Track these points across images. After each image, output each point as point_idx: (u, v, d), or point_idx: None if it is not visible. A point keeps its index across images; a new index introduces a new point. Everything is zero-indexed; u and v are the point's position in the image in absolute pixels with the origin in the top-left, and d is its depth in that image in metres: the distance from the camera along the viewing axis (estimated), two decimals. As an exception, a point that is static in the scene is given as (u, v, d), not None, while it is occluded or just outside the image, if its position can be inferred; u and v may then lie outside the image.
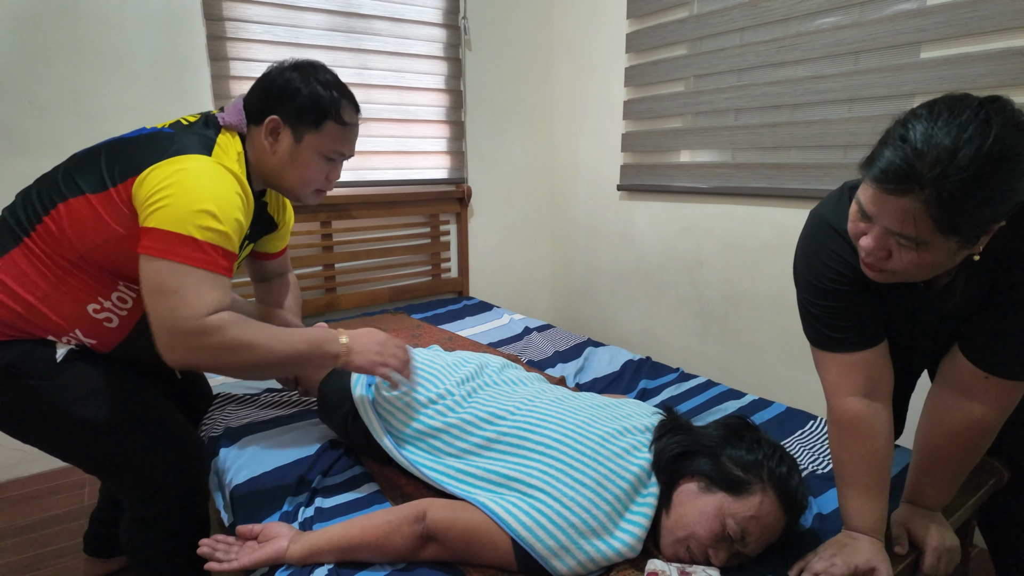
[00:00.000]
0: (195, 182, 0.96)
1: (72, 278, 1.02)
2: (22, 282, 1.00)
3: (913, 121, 0.73)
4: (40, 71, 1.86)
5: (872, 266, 0.83)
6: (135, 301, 1.06)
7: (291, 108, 1.09)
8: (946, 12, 1.55)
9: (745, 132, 2.09)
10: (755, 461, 0.92)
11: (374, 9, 2.41)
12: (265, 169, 1.13)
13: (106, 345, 1.09)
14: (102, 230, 0.99)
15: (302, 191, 1.16)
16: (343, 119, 1.12)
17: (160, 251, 0.93)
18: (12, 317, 1.00)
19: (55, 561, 1.60)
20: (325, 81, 1.12)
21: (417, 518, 0.90)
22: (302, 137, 1.11)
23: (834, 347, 0.96)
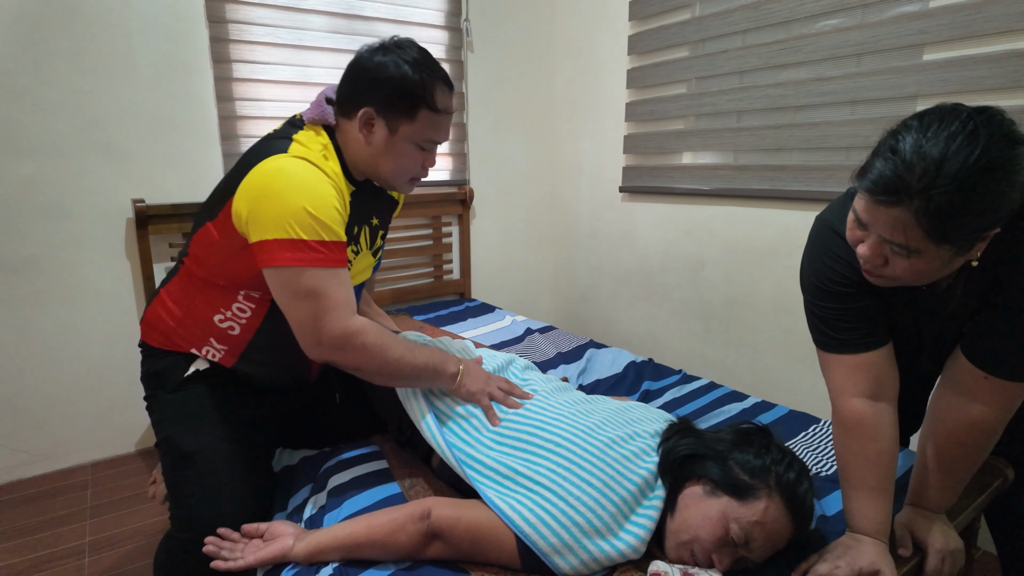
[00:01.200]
0: (277, 186, 0.99)
1: (203, 294, 1.14)
2: (175, 299, 1.16)
3: (903, 132, 0.75)
4: (44, 73, 1.87)
5: (871, 272, 0.84)
6: (252, 311, 1.14)
7: (382, 96, 1.06)
8: (949, 14, 1.55)
9: (747, 134, 2.09)
10: (763, 466, 0.91)
11: (376, 11, 2.42)
12: (360, 160, 1.12)
13: (234, 352, 1.17)
14: (219, 250, 1.09)
15: (397, 180, 1.15)
16: (436, 105, 1.08)
17: (276, 260, 0.99)
18: (168, 330, 1.16)
19: (58, 563, 1.60)
20: (415, 61, 1.06)
21: (422, 516, 0.90)
22: (396, 127, 1.08)
23: (839, 349, 0.96)
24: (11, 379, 1.96)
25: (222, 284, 1.12)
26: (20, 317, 1.95)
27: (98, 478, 2.03)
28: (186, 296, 1.15)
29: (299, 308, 1.01)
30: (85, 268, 2.02)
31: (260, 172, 1.01)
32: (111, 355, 2.10)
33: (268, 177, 1.00)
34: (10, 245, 1.90)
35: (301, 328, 1.03)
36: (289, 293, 1.01)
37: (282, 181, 0.99)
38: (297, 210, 0.98)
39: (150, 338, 1.19)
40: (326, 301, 1.01)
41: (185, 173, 2.14)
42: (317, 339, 1.02)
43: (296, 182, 1.00)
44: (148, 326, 1.19)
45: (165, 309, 1.17)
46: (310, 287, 1.00)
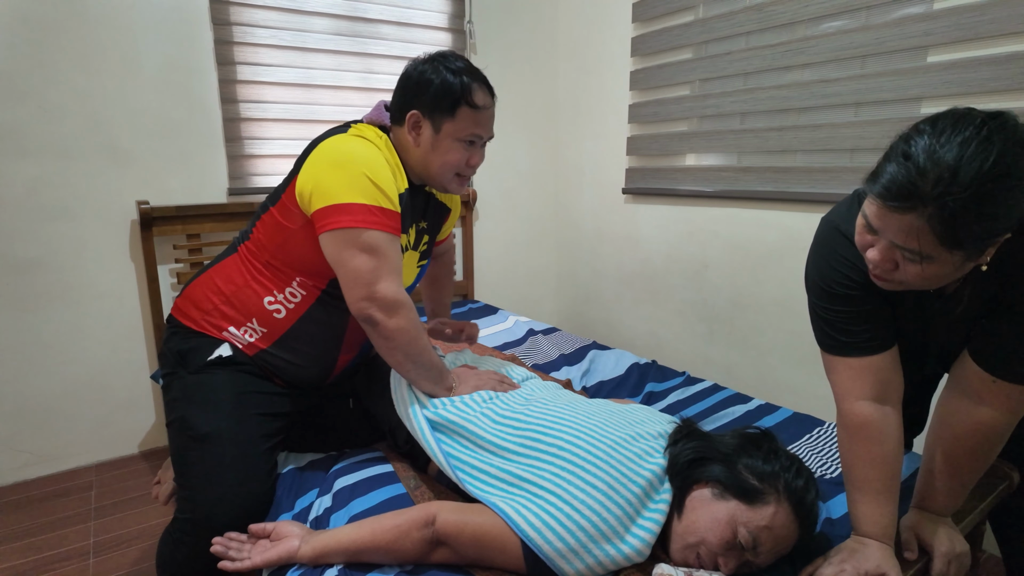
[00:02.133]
0: (339, 156, 1.09)
1: (262, 276, 1.19)
2: (224, 278, 1.21)
3: (916, 137, 0.73)
4: (49, 75, 1.87)
5: (880, 277, 0.84)
6: (302, 298, 1.20)
7: (426, 99, 1.15)
8: (953, 16, 1.55)
9: (751, 136, 2.09)
10: (772, 472, 0.91)
11: (380, 14, 2.42)
12: (413, 161, 1.20)
13: (271, 336, 1.21)
14: (282, 231, 1.16)
15: (444, 178, 1.21)
16: (475, 103, 1.17)
17: (339, 222, 1.06)
18: (211, 308, 1.20)
19: (63, 564, 1.60)
20: (455, 68, 1.16)
21: (427, 522, 0.90)
22: (440, 126, 1.16)
23: (844, 351, 0.96)
24: (15, 380, 1.97)
25: (279, 267, 1.18)
26: (24, 318, 1.95)
27: (102, 479, 2.03)
28: (240, 276, 1.20)
29: (361, 261, 1.07)
30: (89, 269, 2.03)
31: (321, 149, 1.11)
32: (115, 356, 2.11)
33: (329, 152, 1.10)
34: (15, 246, 1.91)
35: (357, 279, 1.07)
36: (351, 248, 1.06)
37: (343, 152, 1.09)
38: (358, 175, 1.07)
39: (184, 316, 1.22)
40: (386, 262, 1.09)
41: (189, 175, 2.14)
42: (370, 293, 1.07)
43: (356, 153, 1.10)
44: (187, 302, 1.23)
45: (212, 287, 1.21)
46: (374, 244, 1.07)
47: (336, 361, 1.28)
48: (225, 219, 2.15)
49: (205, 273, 1.24)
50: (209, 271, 1.24)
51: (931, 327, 0.97)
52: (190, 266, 2.14)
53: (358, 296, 1.08)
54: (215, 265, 1.24)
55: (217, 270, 1.23)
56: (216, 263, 1.25)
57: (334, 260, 1.09)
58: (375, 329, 1.11)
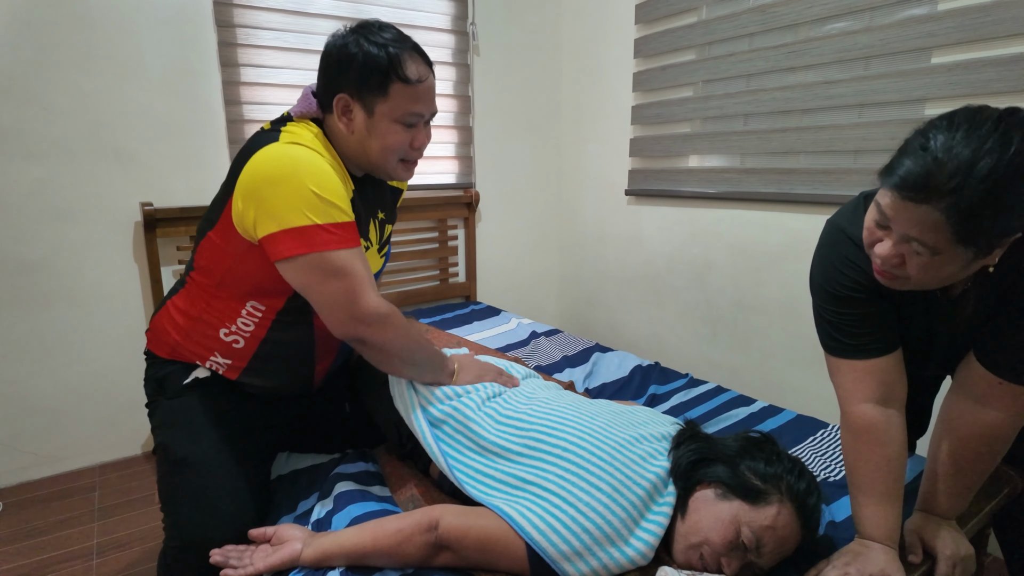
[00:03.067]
0: (277, 171, 0.96)
1: (210, 307, 1.12)
2: (181, 312, 1.14)
3: (933, 131, 0.74)
4: (53, 77, 1.88)
5: (885, 273, 0.84)
6: (256, 323, 1.13)
7: (352, 79, 1.02)
8: (957, 17, 1.54)
9: (754, 137, 2.09)
10: (774, 474, 0.91)
11: (382, 16, 2.41)
12: (350, 151, 1.08)
13: (238, 366, 1.16)
14: (224, 258, 1.07)
15: (388, 165, 1.09)
16: (407, 76, 1.02)
17: (294, 249, 0.97)
18: (174, 343, 1.15)
19: (66, 565, 1.61)
20: (380, 41, 1.02)
21: (430, 527, 0.90)
22: (373, 108, 1.04)
23: (849, 354, 0.96)
24: (19, 381, 1.97)
25: (229, 294, 1.10)
26: (28, 319, 1.96)
27: (106, 480, 2.04)
28: (192, 309, 1.13)
29: (332, 287, 0.99)
30: (93, 271, 2.04)
31: (256, 164, 0.98)
32: (119, 357, 2.11)
33: (266, 166, 0.97)
34: (19, 248, 1.91)
35: (335, 305, 1.00)
36: (318, 275, 0.99)
37: (282, 167, 0.96)
38: (304, 193, 0.95)
39: (156, 348, 1.19)
40: (357, 279, 1.00)
41: (193, 176, 2.15)
42: (352, 313, 1.01)
43: (297, 165, 0.97)
44: (154, 336, 1.19)
45: (171, 322, 1.16)
46: (339, 266, 0.99)
47: (313, 372, 1.24)
48: (228, 220, 2.16)
49: (163, 308, 1.18)
50: (167, 305, 1.18)
51: (936, 329, 0.97)
52: (193, 267, 2.14)
53: (339, 320, 1.02)
54: (171, 299, 1.18)
55: (174, 304, 1.16)
56: (171, 296, 1.18)
57: (301, 288, 1.01)
58: (366, 346, 1.06)
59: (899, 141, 1.84)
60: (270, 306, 1.11)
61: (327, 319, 1.03)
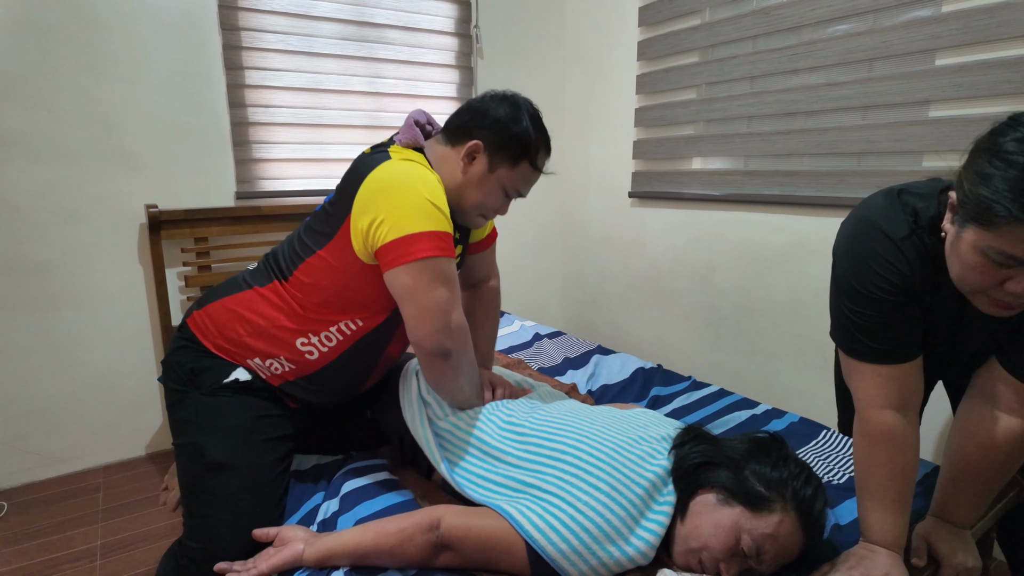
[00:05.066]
0: (396, 184, 1.03)
1: (298, 318, 1.13)
2: (253, 311, 1.14)
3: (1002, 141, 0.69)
4: (60, 80, 1.89)
5: (1009, 306, 0.77)
6: (339, 342, 1.15)
7: (495, 139, 1.13)
8: (961, 19, 1.54)
9: (758, 139, 2.09)
10: (780, 479, 0.90)
11: (387, 19, 2.43)
12: (447, 184, 1.14)
13: (299, 373, 1.17)
14: (337, 277, 1.10)
15: (473, 213, 1.19)
16: (537, 164, 1.18)
17: (416, 252, 1.01)
18: (234, 336, 1.15)
19: (70, 565, 1.61)
20: (535, 123, 1.16)
21: (431, 526, 0.90)
22: (495, 168, 1.14)
23: (872, 358, 0.92)
24: (25, 382, 1.98)
25: (330, 310, 1.12)
26: (34, 321, 1.97)
27: (110, 481, 2.04)
28: (271, 313, 1.14)
29: (438, 293, 1.03)
30: (99, 273, 2.05)
31: (374, 180, 1.04)
32: (124, 359, 2.12)
33: (385, 181, 1.04)
34: (25, 250, 1.92)
35: (435, 312, 1.03)
36: (427, 280, 1.02)
37: (400, 180, 1.04)
38: (423, 203, 1.02)
39: (203, 334, 1.17)
40: (457, 290, 1.07)
41: (197, 179, 2.16)
42: (447, 324, 1.05)
43: (413, 179, 1.04)
44: (210, 325, 1.16)
45: (238, 316, 1.15)
46: (448, 273, 1.04)
47: (362, 388, 1.27)
48: (233, 223, 2.17)
49: (231, 298, 1.17)
50: (236, 298, 1.17)
51: (964, 336, 0.94)
52: (198, 270, 2.15)
53: (434, 329, 1.04)
54: (245, 292, 1.17)
55: (245, 301, 1.16)
56: (245, 289, 1.17)
57: (408, 293, 1.03)
58: (447, 360, 1.07)
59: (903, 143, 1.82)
60: (367, 322, 1.14)
61: (421, 327, 1.04)
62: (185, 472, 1.13)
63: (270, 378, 1.17)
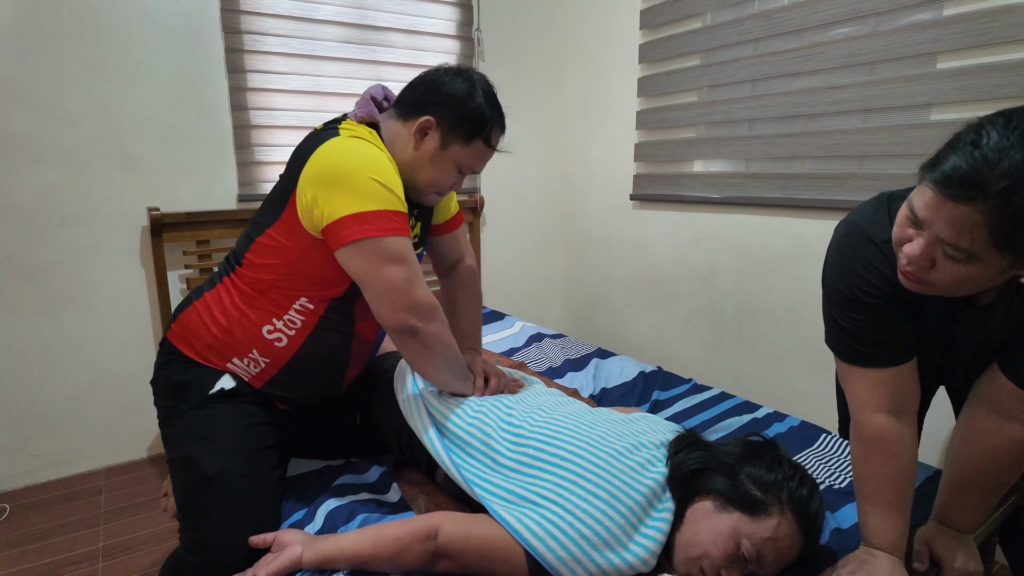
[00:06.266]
0: (342, 162, 1.02)
1: (257, 304, 1.12)
2: (222, 309, 1.14)
3: (988, 127, 0.69)
4: (62, 83, 1.90)
5: (911, 275, 0.79)
6: (303, 322, 1.14)
7: (448, 115, 1.11)
8: (963, 22, 1.54)
9: (759, 142, 2.09)
10: (775, 481, 0.90)
11: (389, 22, 2.44)
12: (400, 161, 1.13)
13: (275, 365, 1.16)
14: (288, 253, 1.09)
15: (427, 191, 1.18)
16: (491, 142, 1.16)
17: (362, 232, 1.00)
18: (209, 341, 1.14)
19: (72, 568, 1.61)
20: (492, 101, 1.15)
21: (429, 536, 0.90)
22: (448, 145, 1.13)
23: (863, 362, 0.93)
24: (27, 385, 1.99)
25: (283, 289, 1.11)
26: (36, 323, 1.97)
27: (111, 483, 2.05)
28: (235, 306, 1.13)
29: (392, 272, 1.02)
30: (101, 275, 2.05)
31: (320, 156, 1.03)
32: (125, 361, 2.12)
33: (331, 158, 1.02)
34: (28, 252, 1.93)
35: (393, 291, 1.03)
36: (380, 260, 1.02)
37: (347, 158, 1.02)
38: (369, 182, 1.01)
39: (184, 344, 1.16)
40: (414, 267, 1.05)
41: (199, 181, 2.16)
42: (409, 302, 1.04)
43: (360, 157, 1.03)
44: (185, 333, 1.16)
45: (209, 318, 1.14)
46: (401, 252, 1.03)
47: (345, 377, 1.26)
48: (235, 225, 2.17)
49: (199, 300, 1.17)
50: (204, 298, 1.17)
51: (959, 340, 0.94)
52: (200, 272, 2.16)
53: (396, 308, 1.04)
54: (208, 292, 1.17)
55: (211, 299, 1.15)
56: (208, 290, 1.18)
57: (361, 274, 1.03)
58: (415, 338, 1.07)
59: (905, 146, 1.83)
60: (323, 298, 1.13)
61: (382, 308, 1.05)
62: (180, 486, 1.11)
63: (252, 380, 1.16)
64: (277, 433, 1.18)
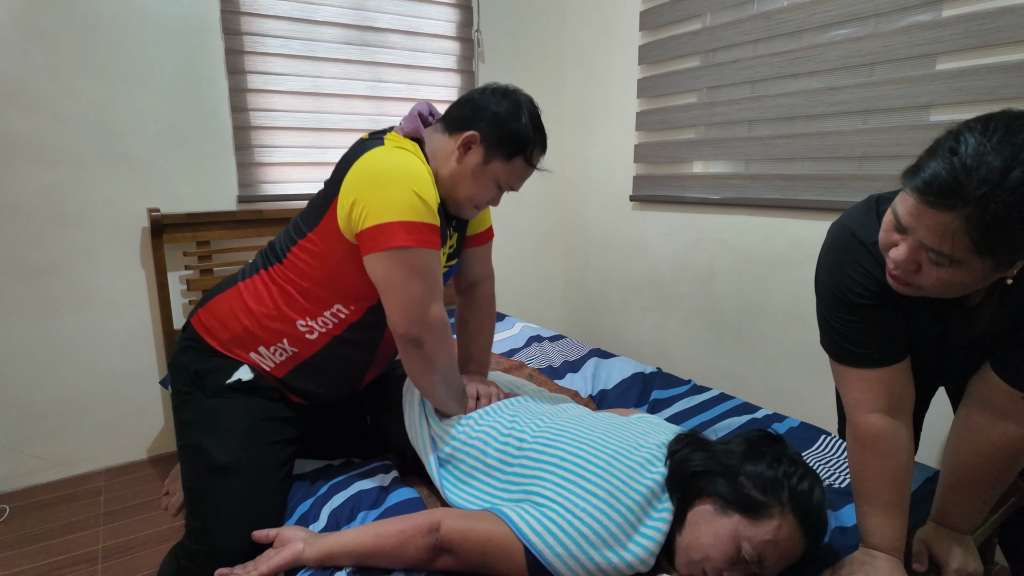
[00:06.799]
0: (384, 171, 1.04)
1: (294, 301, 1.14)
2: (255, 299, 1.16)
3: (966, 134, 0.69)
4: (63, 85, 1.90)
5: (898, 278, 0.80)
6: (335, 324, 1.16)
7: (492, 133, 1.13)
8: (962, 24, 1.54)
9: (758, 143, 2.09)
10: (775, 479, 0.90)
11: (388, 23, 2.44)
12: (441, 174, 1.16)
13: (301, 356, 1.17)
14: (325, 260, 1.11)
15: (466, 205, 1.19)
16: (532, 161, 1.19)
17: (393, 241, 1.02)
18: (239, 330, 1.16)
19: (71, 569, 1.61)
20: (533, 121, 1.17)
21: (431, 529, 0.90)
22: (490, 161, 1.15)
23: (856, 362, 0.93)
24: (27, 385, 1.99)
25: (321, 295, 1.13)
26: (37, 324, 1.98)
27: (111, 484, 2.05)
28: (271, 299, 1.15)
29: (414, 285, 1.04)
30: (101, 276, 2.05)
31: (363, 164, 1.05)
32: (125, 362, 2.13)
33: (373, 167, 1.05)
34: (28, 253, 1.93)
35: (411, 304, 1.05)
36: (405, 270, 1.03)
37: (389, 168, 1.05)
38: (407, 193, 1.03)
39: (207, 333, 1.17)
40: (436, 284, 1.08)
41: (200, 183, 2.17)
42: (423, 316, 1.06)
43: (402, 168, 1.05)
44: (212, 322, 1.17)
45: (242, 307, 1.16)
46: (427, 266, 1.05)
47: (364, 378, 1.27)
48: (235, 226, 2.17)
49: (232, 290, 1.19)
50: (237, 287, 1.18)
51: (950, 340, 0.94)
52: (200, 273, 2.16)
53: (409, 319, 1.06)
54: (242, 283, 1.19)
55: (246, 290, 1.17)
56: (242, 280, 1.19)
57: (384, 282, 1.05)
58: (420, 351, 1.08)
59: (904, 147, 1.83)
60: (356, 309, 1.15)
61: (397, 316, 1.07)
62: (188, 474, 1.13)
63: (274, 369, 1.17)
64: (288, 429, 1.19)
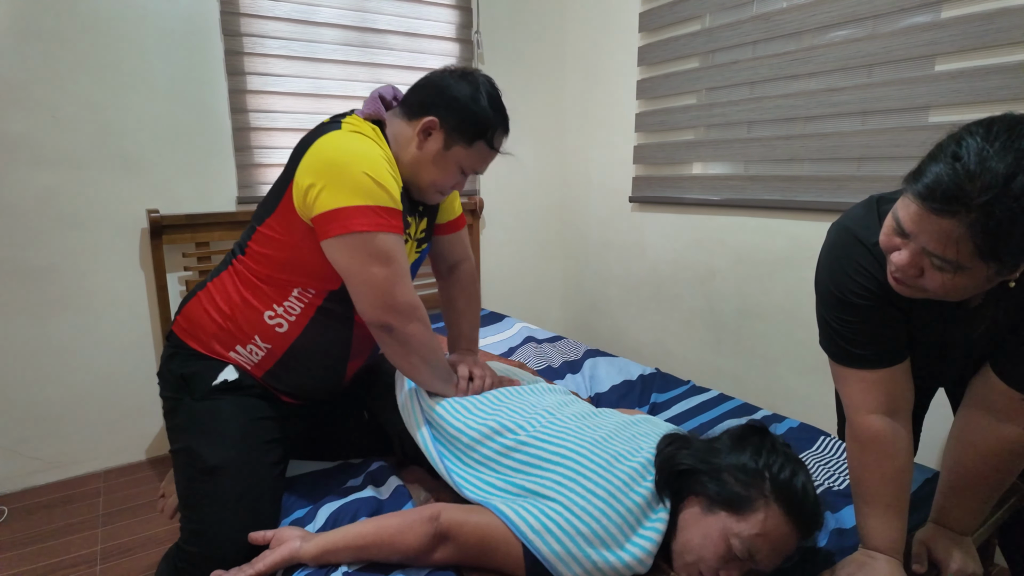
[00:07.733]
0: (337, 155, 1.03)
1: (259, 290, 1.14)
2: (224, 296, 1.16)
3: (968, 139, 0.68)
4: (62, 86, 1.90)
5: (901, 282, 0.80)
6: (302, 309, 1.15)
7: (451, 117, 1.12)
8: (961, 25, 1.54)
9: (758, 144, 2.09)
10: (755, 471, 0.89)
11: (388, 24, 2.44)
12: (403, 161, 1.15)
13: (276, 352, 1.17)
14: (283, 245, 1.11)
15: (429, 190, 1.19)
16: (494, 144, 1.17)
17: (350, 226, 1.01)
18: (214, 330, 1.15)
19: (70, 570, 1.61)
20: (497, 105, 1.15)
21: (432, 517, 0.90)
22: (451, 147, 1.13)
23: (856, 363, 0.93)
24: (26, 387, 1.99)
25: (282, 279, 1.13)
26: (36, 325, 1.97)
27: (110, 486, 2.04)
28: (237, 293, 1.15)
29: (375, 271, 1.03)
30: (100, 277, 2.05)
31: (319, 147, 1.05)
32: (124, 363, 2.12)
33: (329, 151, 1.04)
34: (27, 254, 1.93)
35: (373, 289, 1.04)
36: (363, 256, 1.03)
37: (343, 152, 1.03)
38: (362, 177, 1.01)
39: (188, 336, 1.18)
40: (399, 267, 1.06)
41: (199, 184, 2.17)
42: (389, 302, 1.05)
43: (356, 151, 1.04)
44: (189, 324, 1.18)
45: (213, 306, 1.16)
46: (386, 250, 1.03)
47: (346, 368, 1.26)
48: (234, 227, 2.17)
49: (203, 291, 1.19)
50: (207, 288, 1.19)
51: (951, 341, 0.94)
52: (199, 274, 2.16)
53: (374, 305, 1.06)
54: (211, 282, 1.19)
55: (214, 287, 1.18)
56: (211, 279, 1.20)
57: (344, 268, 1.05)
58: (391, 335, 1.08)
59: (903, 148, 1.83)
60: (319, 290, 1.14)
61: (362, 303, 1.07)
62: (181, 478, 1.13)
63: (253, 369, 1.17)
64: (280, 428, 1.18)
